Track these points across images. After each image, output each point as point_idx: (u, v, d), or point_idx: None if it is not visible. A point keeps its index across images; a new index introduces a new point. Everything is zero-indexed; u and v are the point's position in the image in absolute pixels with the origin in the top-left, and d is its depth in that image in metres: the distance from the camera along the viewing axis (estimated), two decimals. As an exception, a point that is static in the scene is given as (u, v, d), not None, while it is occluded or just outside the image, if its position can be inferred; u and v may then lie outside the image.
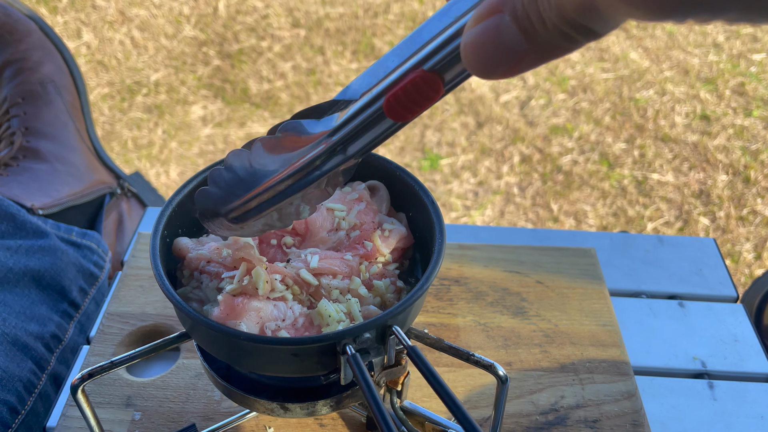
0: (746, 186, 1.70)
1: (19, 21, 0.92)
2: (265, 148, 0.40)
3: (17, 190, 0.83)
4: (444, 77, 0.32)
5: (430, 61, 0.32)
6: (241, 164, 0.41)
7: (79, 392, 0.47)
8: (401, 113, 0.34)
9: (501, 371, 0.48)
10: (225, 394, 0.51)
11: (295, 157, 0.40)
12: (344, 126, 0.37)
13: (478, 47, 0.26)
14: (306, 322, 0.46)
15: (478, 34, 0.26)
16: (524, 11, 0.24)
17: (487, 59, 0.26)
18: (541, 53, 0.25)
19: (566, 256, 0.72)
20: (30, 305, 0.71)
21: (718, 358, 0.67)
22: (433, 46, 0.32)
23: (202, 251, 0.49)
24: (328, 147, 0.38)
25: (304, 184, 0.41)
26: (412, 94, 0.33)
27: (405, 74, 0.33)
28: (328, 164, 0.39)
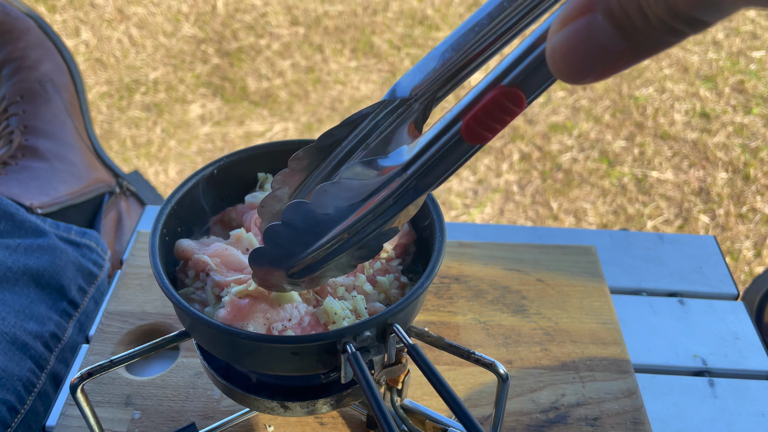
0: (746, 183, 1.70)
1: (18, 19, 0.92)
2: (326, 195, 0.36)
3: (16, 189, 0.83)
4: (526, 90, 0.30)
5: (509, 75, 0.29)
6: (301, 217, 0.37)
7: (79, 391, 0.47)
8: (481, 135, 0.31)
9: (502, 369, 0.47)
10: (225, 392, 0.51)
11: (362, 201, 0.36)
12: (418, 158, 0.34)
13: (569, 52, 0.24)
14: (312, 320, 0.46)
15: (567, 37, 0.24)
16: (621, 9, 0.22)
17: (580, 63, 0.24)
18: (641, 51, 0.23)
19: (567, 254, 0.72)
20: (29, 304, 0.71)
21: (719, 356, 0.67)
22: (510, 59, 0.29)
23: (208, 253, 0.49)
24: (401, 183, 0.35)
25: (373, 227, 0.37)
26: (492, 112, 0.30)
27: (482, 93, 0.30)
28: (401, 202, 0.36)
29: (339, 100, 1.93)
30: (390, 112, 0.37)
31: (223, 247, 0.49)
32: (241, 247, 0.50)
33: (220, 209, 0.55)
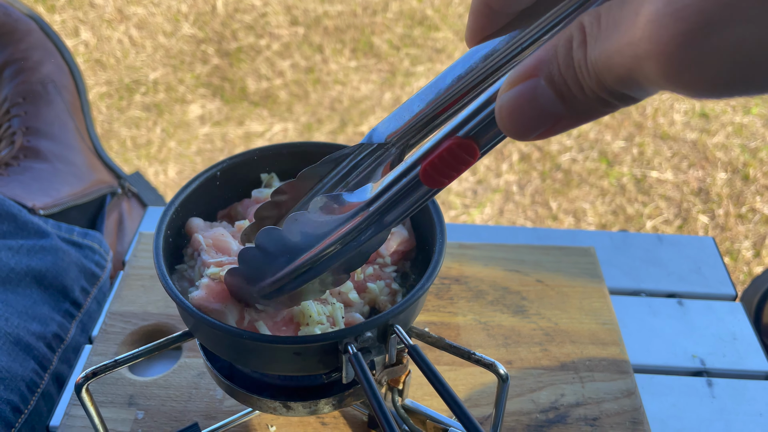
0: (745, 184, 1.70)
1: (20, 20, 0.92)
2: (297, 224, 0.39)
3: (18, 190, 0.84)
4: (480, 142, 0.32)
5: (464, 128, 0.32)
6: (272, 242, 0.40)
7: (83, 391, 0.48)
8: (438, 180, 0.33)
9: (502, 370, 0.48)
10: (228, 392, 0.52)
11: (329, 232, 0.39)
12: (380, 196, 0.36)
13: (515, 111, 0.26)
14: (286, 317, 0.46)
15: (513, 97, 0.26)
16: (561, 77, 0.25)
17: (524, 123, 0.26)
18: (578, 116, 0.26)
19: (566, 255, 0.72)
20: (32, 305, 0.71)
21: (717, 356, 0.67)
22: (466, 113, 0.32)
23: (205, 234, 0.50)
24: (364, 218, 0.37)
25: (339, 256, 0.40)
26: (448, 160, 0.32)
27: (440, 142, 0.33)
28: (365, 235, 0.39)
29: (339, 100, 1.94)
30: (369, 154, 0.40)
31: (221, 232, 0.50)
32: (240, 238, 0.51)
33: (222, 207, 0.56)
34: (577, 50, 0.24)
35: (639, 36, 0.21)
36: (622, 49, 0.22)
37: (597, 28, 0.24)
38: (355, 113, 1.89)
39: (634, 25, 0.22)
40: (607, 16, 0.23)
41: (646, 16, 0.21)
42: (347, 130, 1.84)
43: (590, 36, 0.24)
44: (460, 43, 2.11)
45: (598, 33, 0.23)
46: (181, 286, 0.50)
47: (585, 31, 0.24)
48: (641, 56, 0.22)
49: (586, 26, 0.24)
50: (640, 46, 0.21)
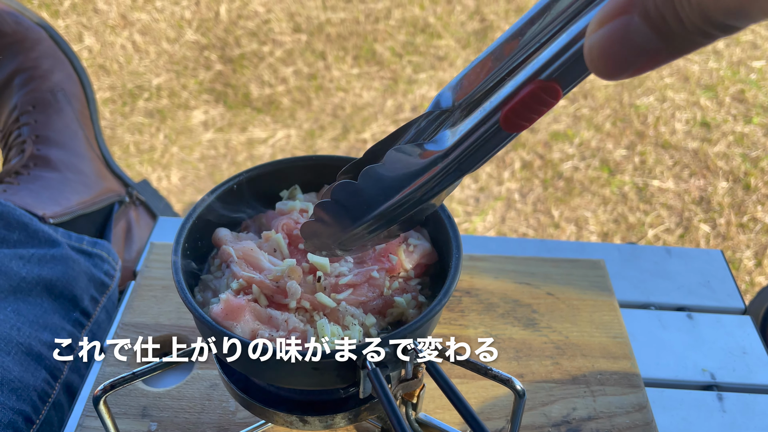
0: (746, 193, 1.71)
1: (30, 29, 0.93)
2: (372, 177, 0.39)
3: (29, 199, 0.84)
4: (562, 83, 0.31)
5: (547, 70, 0.31)
6: (349, 196, 0.40)
7: (101, 403, 0.48)
8: (519, 124, 0.33)
9: (518, 386, 0.48)
10: (243, 405, 0.52)
11: (407, 182, 0.39)
12: (459, 144, 0.36)
13: (607, 50, 0.25)
14: (299, 337, 0.46)
15: (605, 36, 0.25)
16: (658, 11, 0.24)
17: (618, 61, 0.25)
18: (676, 50, 0.25)
19: (576, 268, 0.73)
20: (43, 314, 0.71)
21: (727, 370, 0.67)
22: (549, 55, 0.31)
23: (236, 246, 0.50)
24: (443, 167, 0.37)
25: (415, 206, 0.40)
26: (530, 104, 0.32)
27: (521, 86, 0.32)
28: (443, 183, 0.39)
29: (341, 107, 1.94)
30: (433, 120, 0.39)
31: (251, 246, 0.51)
32: (269, 248, 0.52)
33: (238, 224, 0.56)
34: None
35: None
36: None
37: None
38: (357, 120, 1.90)
39: None
40: None
41: None
42: (349, 137, 1.85)
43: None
44: (462, 50, 2.12)
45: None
46: (204, 297, 0.50)
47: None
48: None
49: None
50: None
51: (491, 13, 2.25)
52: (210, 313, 0.46)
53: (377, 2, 2.28)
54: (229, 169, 1.77)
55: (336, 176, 0.45)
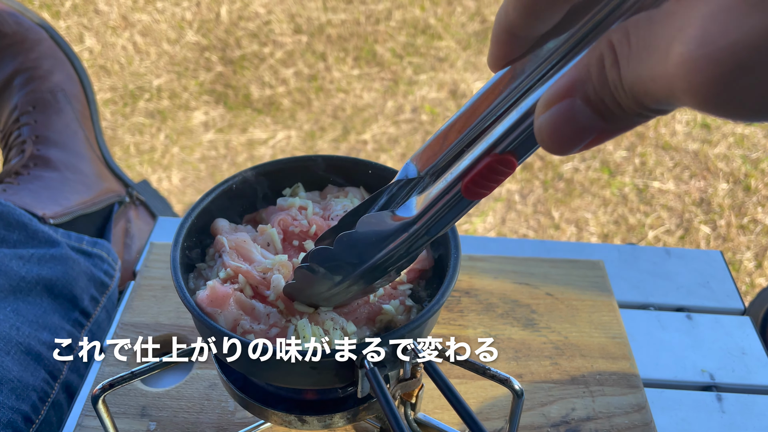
0: (747, 195, 1.71)
1: (31, 29, 0.93)
2: (346, 242, 0.42)
3: (28, 199, 0.84)
4: (517, 155, 0.34)
5: (501, 144, 0.33)
6: (325, 261, 0.43)
7: (100, 402, 0.48)
8: (479, 193, 0.36)
9: (517, 386, 0.48)
10: (242, 405, 0.52)
11: (380, 246, 0.42)
12: (426, 212, 0.39)
13: (555, 130, 0.27)
14: (280, 333, 0.47)
15: (552, 118, 0.27)
16: (597, 96, 0.26)
17: (566, 140, 0.27)
18: (619, 128, 0.27)
19: (575, 269, 0.73)
20: (42, 314, 0.71)
21: (726, 371, 0.67)
22: (502, 130, 0.33)
23: (229, 237, 0.51)
24: (412, 232, 0.40)
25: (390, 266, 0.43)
26: (488, 175, 0.34)
27: (478, 159, 0.35)
28: (413, 247, 0.41)
29: (341, 108, 1.94)
30: (403, 186, 0.42)
31: (244, 238, 0.51)
32: (263, 242, 0.52)
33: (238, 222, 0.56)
34: (610, 70, 0.25)
35: (673, 73, 0.22)
36: (657, 78, 0.23)
37: (627, 47, 0.24)
38: (357, 121, 1.90)
39: (667, 60, 0.22)
40: (636, 35, 0.24)
41: (679, 56, 0.22)
42: (350, 138, 1.85)
43: (621, 56, 0.24)
44: (462, 51, 2.12)
45: (629, 54, 0.24)
46: (196, 285, 0.51)
47: (615, 51, 0.25)
48: (677, 89, 0.22)
49: (615, 45, 0.25)
50: (676, 84, 0.22)
51: (492, 14, 2.25)
52: (196, 299, 0.47)
53: (378, 3, 2.28)
54: (230, 170, 1.77)
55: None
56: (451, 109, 1.93)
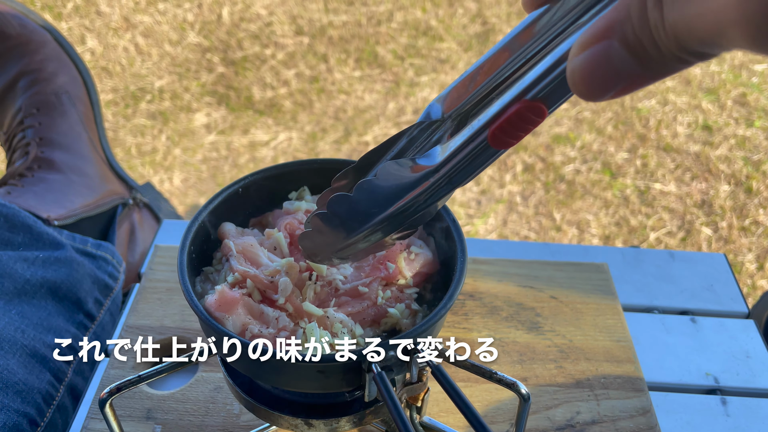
0: (748, 196, 1.71)
1: (35, 32, 0.93)
2: (366, 190, 0.40)
3: (33, 201, 0.84)
4: (548, 103, 0.32)
5: (532, 91, 0.32)
6: (344, 208, 0.42)
7: (107, 406, 0.48)
8: (506, 142, 0.34)
9: (524, 389, 0.48)
10: (248, 408, 0.52)
11: (401, 195, 0.40)
12: (449, 160, 0.37)
13: (589, 74, 0.26)
14: (288, 337, 0.47)
15: (586, 60, 0.26)
16: (636, 37, 0.25)
17: (599, 84, 0.26)
18: (654, 74, 0.26)
19: (580, 272, 0.73)
20: (47, 316, 0.71)
21: (731, 374, 0.67)
22: (534, 76, 0.32)
23: (236, 241, 0.51)
24: (434, 181, 0.39)
25: (409, 217, 0.42)
26: (516, 123, 0.33)
27: (507, 106, 0.33)
28: (435, 197, 0.40)
29: (343, 109, 1.94)
30: (424, 130, 0.40)
31: (251, 241, 0.51)
32: (270, 245, 0.52)
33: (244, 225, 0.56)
34: (652, 10, 0.24)
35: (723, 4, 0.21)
36: (704, 14, 0.22)
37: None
38: (359, 123, 1.90)
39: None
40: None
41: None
42: (351, 140, 1.85)
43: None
44: (464, 53, 2.12)
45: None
46: (203, 288, 0.51)
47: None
48: (726, 23, 0.21)
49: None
50: (725, 14, 0.21)
51: (493, 16, 2.25)
52: (204, 304, 0.47)
53: (379, 5, 2.28)
54: (231, 172, 1.77)
55: (330, 182, 0.46)
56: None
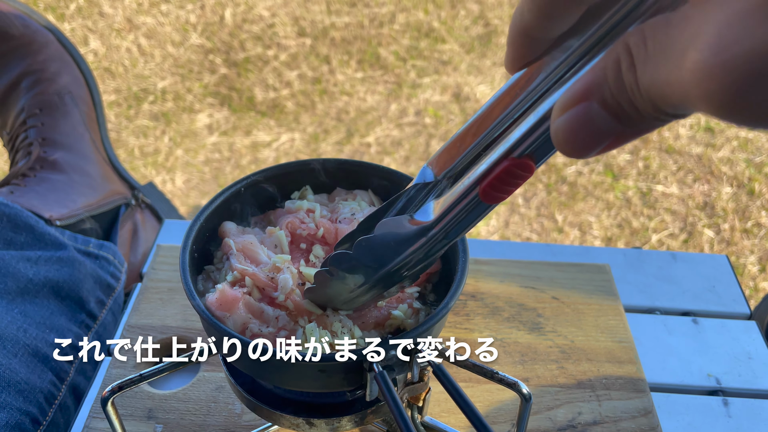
0: (750, 198, 1.71)
1: (38, 32, 0.93)
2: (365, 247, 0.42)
3: (35, 201, 0.84)
4: (534, 159, 0.33)
5: (519, 148, 0.33)
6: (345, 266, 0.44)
7: (109, 405, 0.48)
8: (497, 197, 0.35)
9: (525, 389, 0.48)
10: (250, 408, 0.52)
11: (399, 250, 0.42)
12: (444, 216, 0.39)
13: (571, 134, 0.27)
14: (288, 336, 0.47)
15: (569, 122, 0.27)
16: (614, 99, 0.25)
17: (582, 144, 0.27)
18: (637, 132, 0.26)
19: (581, 272, 0.73)
20: (49, 316, 0.71)
21: (733, 376, 0.67)
22: (519, 134, 0.33)
23: (236, 239, 0.51)
24: (431, 236, 0.40)
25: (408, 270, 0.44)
26: (505, 179, 0.34)
27: (496, 163, 0.34)
28: (432, 251, 0.41)
29: (345, 111, 1.94)
30: (421, 189, 0.42)
31: (251, 240, 0.51)
32: (271, 244, 0.52)
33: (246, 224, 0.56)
34: (627, 73, 0.25)
35: (688, 79, 0.22)
36: (672, 83, 0.23)
37: (644, 51, 0.24)
38: (361, 124, 1.90)
39: (682, 66, 0.22)
40: (653, 39, 0.24)
41: (694, 63, 0.22)
42: (353, 141, 1.85)
43: (638, 60, 0.24)
44: (466, 55, 2.12)
45: (646, 58, 0.24)
46: (204, 287, 0.51)
47: (632, 54, 0.24)
48: (692, 95, 0.22)
49: (632, 48, 0.25)
50: (690, 90, 0.22)
51: (495, 17, 2.25)
52: (205, 303, 0.47)
53: (381, 7, 2.28)
54: (233, 173, 1.77)
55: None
56: (455, 113, 1.93)
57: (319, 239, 0.53)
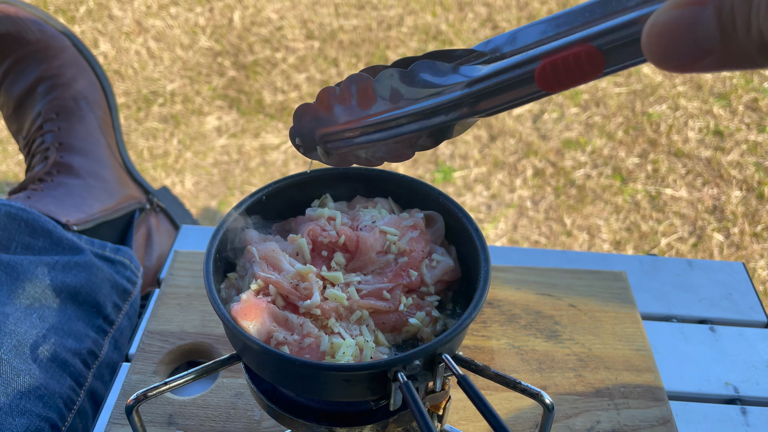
0: (760, 202, 1.71)
1: (54, 37, 0.93)
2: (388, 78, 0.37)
3: (52, 206, 0.84)
4: (609, 58, 0.31)
5: (600, 39, 0.30)
6: (359, 89, 0.39)
7: (134, 413, 0.48)
8: (552, 83, 0.32)
9: (548, 399, 0.48)
10: (271, 415, 0.52)
11: (421, 95, 0.37)
12: (487, 79, 0.35)
13: (666, 32, 0.25)
14: (313, 344, 0.47)
15: (671, 19, 0.25)
16: (731, 11, 0.23)
17: (671, 47, 0.25)
18: (728, 59, 0.25)
19: (598, 280, 0.73)
20: (67, 321, 0.72)
21: (751, 384, 0.67)
22: (607, 25, 0.30)
23: (259, 247, 0.51)
24: (461, 95, 0.36)
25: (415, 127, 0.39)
26: (571, 66, 0.31)
27: (569, 45, 0.31)
28: (453, 113, 0.37)
29: (354, 113, 1.94)
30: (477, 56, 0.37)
31: (273, 247, 0.51)
32: (292, 251, 0.52)
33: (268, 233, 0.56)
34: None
35: None
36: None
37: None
38: (370, 127, 1.90)
39: None
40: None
41: None
42: (363, 144, 1.85)
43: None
44: (475, 58, 2.12)
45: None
46: (227, 295, 0.51)
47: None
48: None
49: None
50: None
51: (503, 20, 2.25)
52: (230, 311, 0.47)
53: (390, 9, 2.29)
54: (242, 175, 1.77)
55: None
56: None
57: (340, 246, 0.53)
